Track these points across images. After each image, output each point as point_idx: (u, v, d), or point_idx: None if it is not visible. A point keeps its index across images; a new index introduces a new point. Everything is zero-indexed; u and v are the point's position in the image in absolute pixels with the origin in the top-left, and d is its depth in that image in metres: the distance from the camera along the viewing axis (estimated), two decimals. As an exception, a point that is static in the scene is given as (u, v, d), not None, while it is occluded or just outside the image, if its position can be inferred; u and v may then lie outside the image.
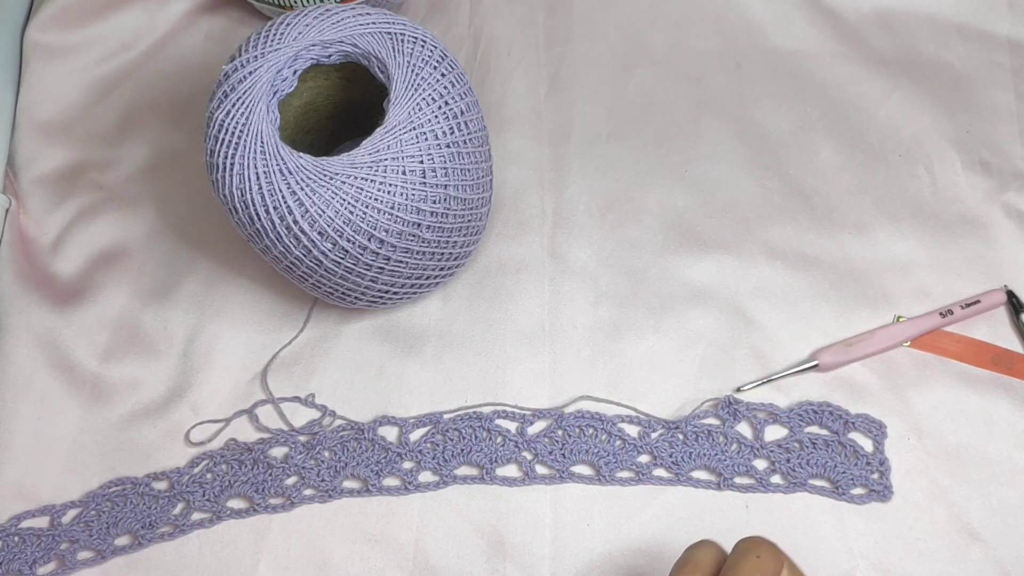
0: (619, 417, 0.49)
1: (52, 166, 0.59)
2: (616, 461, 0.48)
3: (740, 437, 0.48)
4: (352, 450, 0.49)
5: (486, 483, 0.48)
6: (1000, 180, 0.54)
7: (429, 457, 0.49)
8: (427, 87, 0.43)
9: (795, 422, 0.48)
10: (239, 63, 0.43)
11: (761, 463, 0.48)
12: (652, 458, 0.48)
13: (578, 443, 0.49)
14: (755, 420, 0.49)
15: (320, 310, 0.54)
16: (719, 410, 0.49)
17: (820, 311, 0.52)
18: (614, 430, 0.49)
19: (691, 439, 0.48)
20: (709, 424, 0.49)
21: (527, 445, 0.49)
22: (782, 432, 0.49)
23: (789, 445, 0.48)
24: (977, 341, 0.50)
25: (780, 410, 0.49)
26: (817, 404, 0.49)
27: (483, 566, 0.47)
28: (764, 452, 0.48)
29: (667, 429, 0.49)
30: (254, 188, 0.42)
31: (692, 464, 0.48)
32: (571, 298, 0.53)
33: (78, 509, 0.49)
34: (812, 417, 0.48)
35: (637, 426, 0.49)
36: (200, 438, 0.51)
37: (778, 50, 0.60)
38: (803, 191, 0.55)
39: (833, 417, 0.48)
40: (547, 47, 0.61)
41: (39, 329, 0.53)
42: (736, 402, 0.49)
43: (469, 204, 0.46)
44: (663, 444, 0.48)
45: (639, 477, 0.48)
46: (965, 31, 0.59)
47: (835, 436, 0.48)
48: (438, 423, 0.50)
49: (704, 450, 0.48)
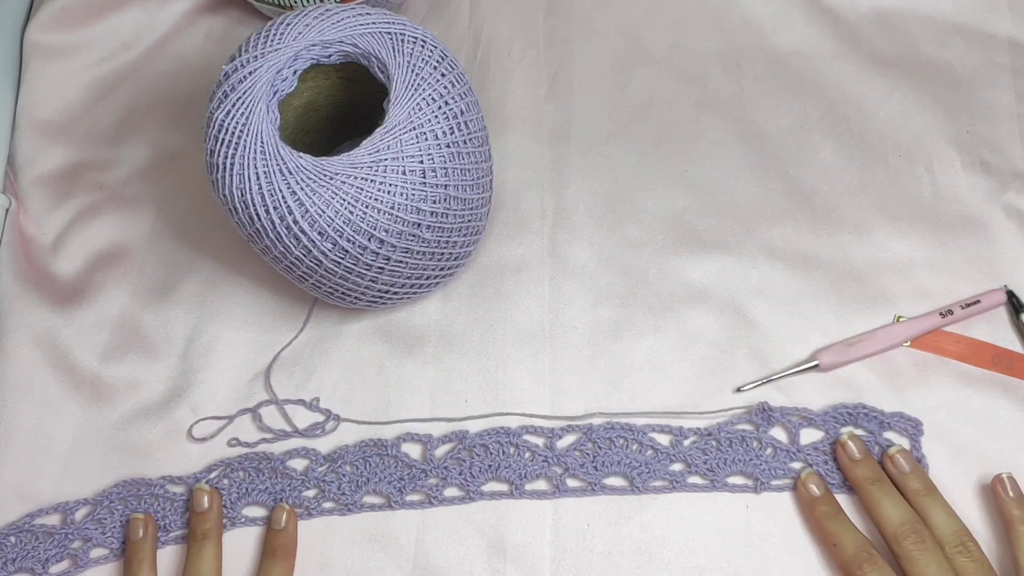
0: (649, 427, 0.49)
1: (52, 166, 0.59)
2: (649, 471, 0.48)
3: (775, 441, 0.48)
4: (375, 465, 0.49)
5: (515, 498, 0.48)
6: (1000, 180, 0.54)
7: (455, 473, 0.48)
8: (427, 87, 0.43)
9: (830, 424, 0.48)
10: (239, 63, 0.43)
11: (798, 466, 0.48)
12: (686, 466, 0.48)
13: (608, 455, 0.48)
14: (789, 424, 0.48)
15: (320, 310, 0.54)
16: (752, 416, 0.49)
17: (820, 311, 0.52)
18: (645, 440, 0.48)
19: (724, 445, 0.48)
20: (742, 430, 0.49)
21: (557, 459, 0.48)
22: (817, 435, 0.48)
23: (825, 447, 0.48)
24: (977, 341, 0.50)
25: (814, 413, 0.49)
26: (852, 406, 0.48)
27: (483, 566, 0.47)
28: (800, 455, 0.48)
29: (700, 436, 0.49)
30: (254, 188, 0.42)
31: (728, 470, 0.48)
32: (571, 298, 0.53)
33: (91, 507, 0.49)
34: (847, 418, 0.48)
35: (668, 435, 0.49)
36: (202, 435, 0.51)
37: (778, 50, 0.60)
38: (803, 191, 0.55)
39: (868, 418, 0.48)
40: (547, 47, 0.61)
41: (39, 329, 0.53)
42: (770, 408, 0.48)
43: (469, 204, 0.46)
44: (696, 452, 0.48)
45: (673, 486, 0.48)
46: (965, 31, 0.59)
47: (871, 436, 0.48)
48: (464, 439, 0.49)
49: (739, 456, 0.48)
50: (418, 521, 0.48)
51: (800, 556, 0.47)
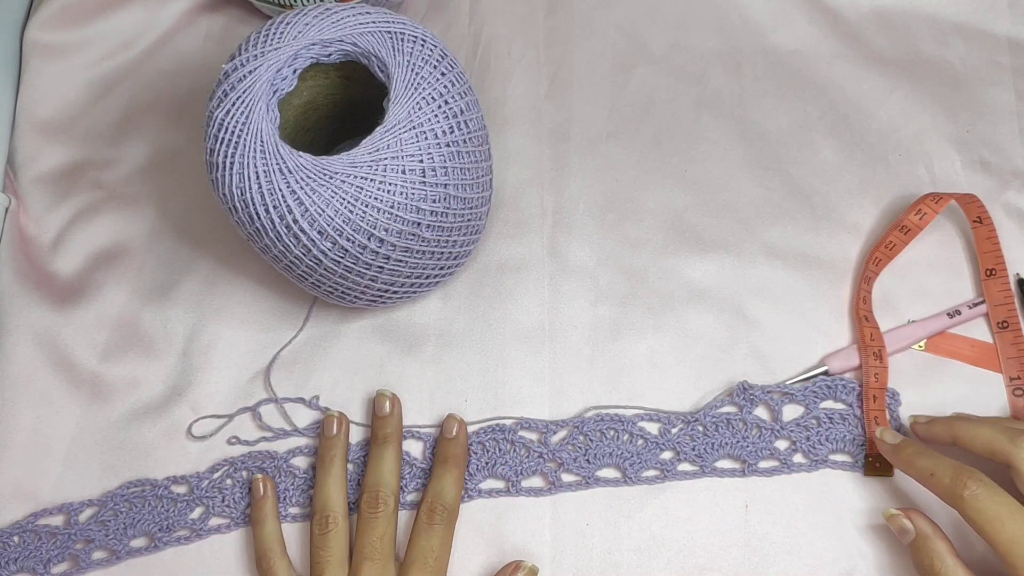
0: (638, 416, 0.49)
1: (52, 165, 0.59)
2: (640, 461, 0.48)
3: (759, 421, 0.48)
4: None
5: (511, 495, 0.48)
6: (1000, 179, 0.54)
7: None
8: (427, 86, 0.43)
9: (810, 399, 0.49)
10: (239, 62, 0.43)
11: (783, 443, 0.48)
12: (675, 454, 0.48)
13: (600, 447, 0.49)
14: (772, 401, 0.49)
15: (320, 309, 0.54)
16: (735, 397, 0.49)
17: (820, 311, 0.52)
18: (635, 430, 0.49)
19: (711, 430, 0.49)
20: (727, 412, 0.49)
21: (552, 455, 0.49)
22: (799, 411, 0.49)
23: (807, 423, 0.48)
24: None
25: (794, 388, 0.49)
26: (830, 379, 0.49)
27: (483, 566, 0.47)
28: (784, 432, 0.48)
29: (686, 423, 0.49)
30: (254, 187, 0.42)
31: (716, 455, 0.48)
32: (571, 298, 0.53)
33: (95, 508, 0.49)
34: (826, 392, 0.49)
35: (657, 423, 0.49)
36: (202, 433, 0.51)
37: (778, 50, 0.60)
38: (803, 191, 0.55)
39: (847, 390, 0.49)
40: (547, 47, 0.61)
41: (39, 328, 0.53)
42: (750, 387, 0.49)
43: (469, 203, 0.46)
44: (684, 438, 0.49)
45: (664, 475, 0.48)
46: (965, 31, 0.59)
47: (849, 408, 0.48)
48: None
49: (725, 439, 0.48)
50: (418, 520, 0.48)
51: (800, 556, 0.47)
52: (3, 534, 0.48)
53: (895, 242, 0.51)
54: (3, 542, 0.48)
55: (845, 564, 0.46)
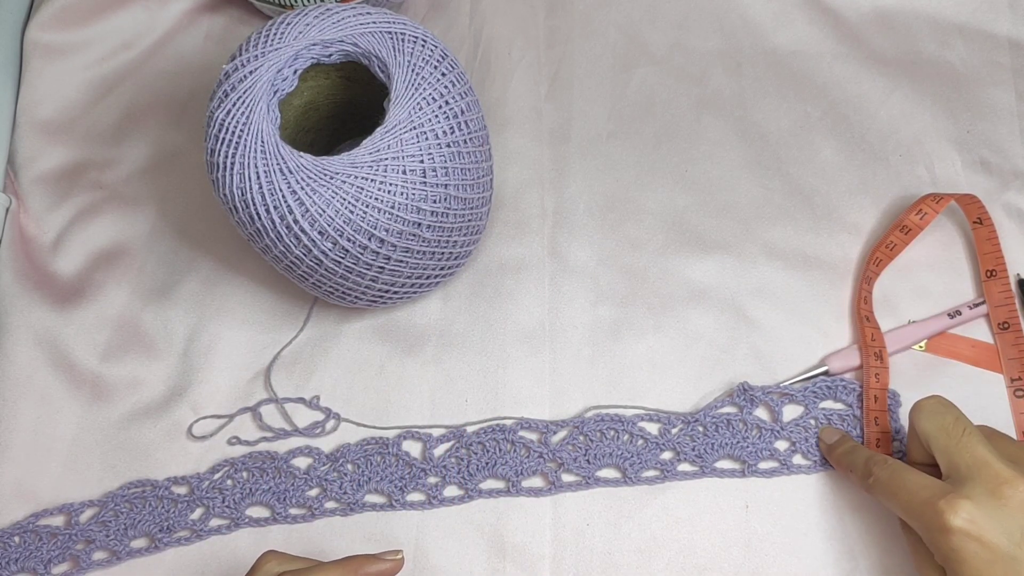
0: (638, 416, 0.49)
1: (52, 165, 0.59)
2: (640, 461, 0.48)
3: (759, 421, 0.48)
4: (376, 464, 0.49)
5: (512, 495, 0.48)
6: (1001, 180, 0.54)
7: (454, 472, 0.49)
8: (427, 86, 0.43)
9: (810, 399, 0.49)
10: (239, 62, 0.43)
11: (783, 444, 0.48)
12: (675, 454, 0.48)
13: (600, 447, 0.49)
14: (772, 402, 0.49)
15: (320, 309, 0.54)
16: (735, 398, 0.49)
17: (821, 311, 0.52)
18: (635, 430, 0.49)
19: (711, 430, 0.49)
20: (727, 413, 0.49)
21: (552, 455, 0.49)
22: (799, 411, 0.49)
23: (806, 423, 0.48)
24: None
25: (794, 389, 0.49)
26: (831, 379, 0.49)
27: (483, 566, 0.47)
28: (784, 433, 0.48)
29: (687, 423, 0.49)
30: (254, 187, 0.42)
31: (716, 455, 0.48)
32: (571, 298, 0.53)
33: (96, 508, 0.49)
34: (826, 392, 0.49)
35: (657, 423, 0.49)
36: (202, 433, 0.51)
37: (778, 50, 0.60)
38: (803, 191, 0.55)
39: (847, 390, 0.49)
40: (547, 47, 0.61)
41: (39, 328, 0.53)
42: (751, 387, 0.49)
43: (469, 203, 0.46)
44: (684, 438, 0.49)
45: (664, 475, 0.48)
46: (965, 31, 0.59)
47: (849, 409, 0.48)
48: (461, 437, 0.49)
49: (725, 439, 0.48)
50: (418, 521, 0.48)
51: (799, 557, 0.47)
52: (4, 534, 0.48)
53: (896, 242, 0.51)
54: (4, 542, 0.48)
55: (845, 564, 0.46)
